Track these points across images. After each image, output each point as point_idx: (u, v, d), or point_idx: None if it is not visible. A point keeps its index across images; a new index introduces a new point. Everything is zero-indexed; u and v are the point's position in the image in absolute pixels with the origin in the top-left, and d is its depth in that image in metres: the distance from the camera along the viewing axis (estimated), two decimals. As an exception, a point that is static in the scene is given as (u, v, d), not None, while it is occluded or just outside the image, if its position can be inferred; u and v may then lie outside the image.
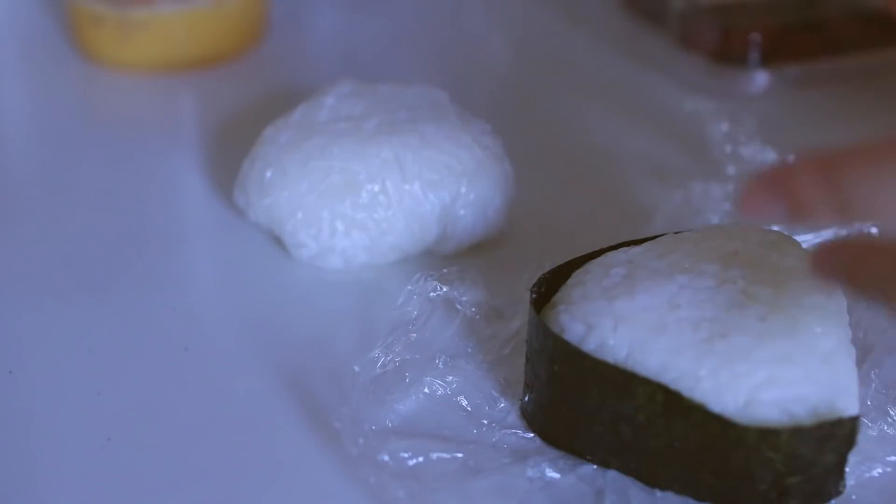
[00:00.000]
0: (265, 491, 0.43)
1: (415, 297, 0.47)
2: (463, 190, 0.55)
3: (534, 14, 0.81)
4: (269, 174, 0.55)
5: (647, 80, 0.72)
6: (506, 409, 0.46)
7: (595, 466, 0.43)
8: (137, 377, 0.49)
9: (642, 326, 0.42)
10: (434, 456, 0.43)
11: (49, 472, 0.44)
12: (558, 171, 0.63)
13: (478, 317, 0.49)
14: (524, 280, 0.49)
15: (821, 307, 0.43)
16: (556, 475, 0.42)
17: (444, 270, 0.49)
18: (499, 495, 0.42)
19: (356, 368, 0.45)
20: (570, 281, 0.45)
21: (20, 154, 0.69)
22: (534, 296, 0.45)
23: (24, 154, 0.69)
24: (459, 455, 0.43)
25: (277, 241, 0.56)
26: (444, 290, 0.48)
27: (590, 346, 0.42)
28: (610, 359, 0.42)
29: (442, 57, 0.77)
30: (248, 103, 0.69)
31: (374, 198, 0.54)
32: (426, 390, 0.46)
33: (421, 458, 0.42)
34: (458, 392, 0.46)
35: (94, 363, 0.49)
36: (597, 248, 0.47)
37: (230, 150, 0.61)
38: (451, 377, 0.46)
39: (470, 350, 0.48)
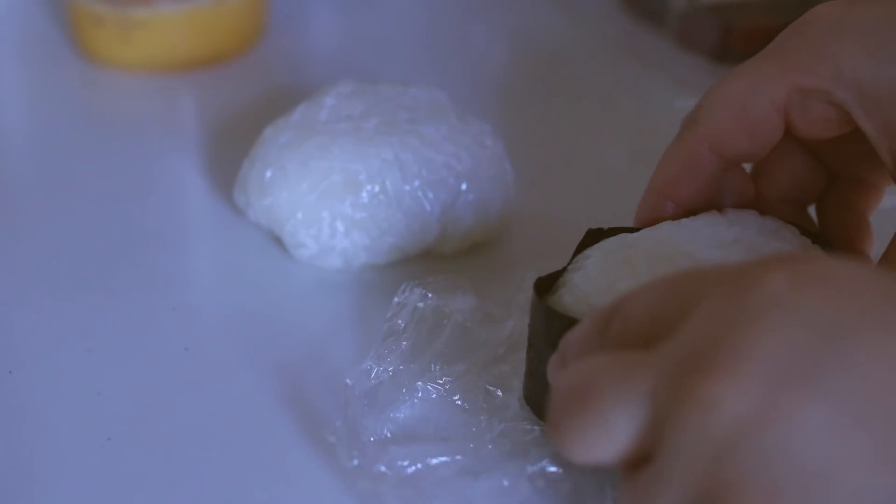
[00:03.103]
0: (265, 491, 0.43)
1: (402, 308, 0.47)
2: (463, 190, 0.55)
3: (533, 14, 0.81)
4: (269, 174, 0.55)
5: (646, 80, 0.72)
6: (504, 401, 0.46)
7: None
8: (137, 377, 0.49)
9: None
10: (433, 461, 0.43)
11: (49, 472, 0.44)
12: (558, 171, 0.63)
13: (469, 323, 0.49)
14: (515, 283, 0.49)
15: None
16: (557, 470, 0.42)
17: (430, 279, 0.49)
18: (499, 497, 0.42)
19: (348, 381, 0.45)
20: (570, 266, 0.45)
21: (20, 154, 0.69)
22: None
23: (24, 154, 0.69)
24: (458, 457, 0.43)
25: (277, 241, 0.56)
26: (432, 298, 0.48)
27: None
28: None
29: (442, 57, 0.77)
30: (248, 103, 0.69)
31: (374, 198, 0.54)
32: (420, 394, 0.46)
33: (419, 465, 0.42)
34: (454, 391, 0.46)
35: (94, 363, 0.49)
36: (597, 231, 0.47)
37: (230, 150, 0.61)
38: (444, 378, 0.46)
39: (464, 356, 0.48)
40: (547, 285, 0.45)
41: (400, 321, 0.47)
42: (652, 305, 0.36)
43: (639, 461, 0.34)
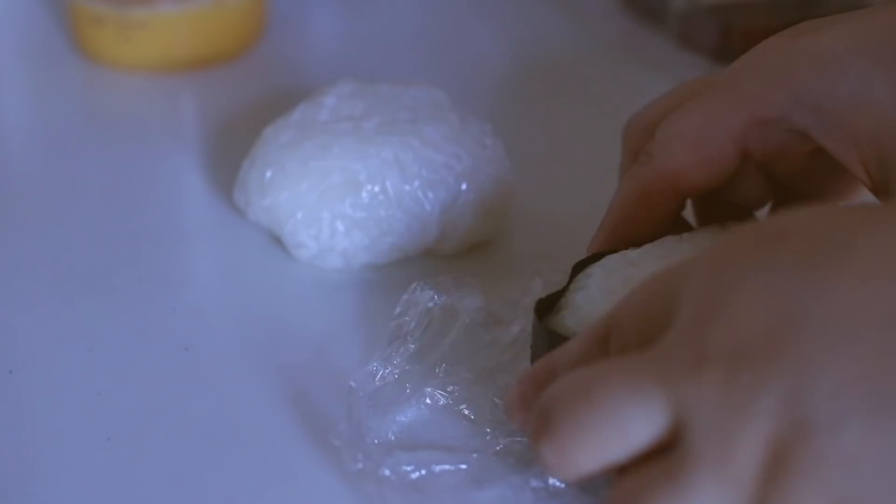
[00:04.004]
0: (265, 491, 0.43)
1: (412, 306, 0.47)
2: (463, 190, 0.55)
3: (533, 14, 0.81)
4: (269, 174, 0.55)
5: (646, 80, 0.72)
6: None
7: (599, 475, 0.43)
8: (137, 377, 0.49)
9: None
10: (437, 468, 0.43)
11: (49, 472, 0.44)
12: (558, 171, 0.63)
13: (476, 324, 0.49)
14: (522, 284, 0.49)
15: None
16: (560, 484, 0.42)
17: (441, 279, 0.49)
18: (502, 504, 0.42)
19: (352, 384, 0.45)
20: (572, 286, 0.45)
21: (20, 154, 0.69)
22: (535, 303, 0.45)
23: (24, 154, 0.69)
24: (463, 466, 0.43)
25: (277, 241, 0.56)
26: (442, 298, 0.48)
27: None
28: None
29: (442, 57, 0.77)
30: (248, 103, 0.69)
31: (374, 198, 0.54)
32: (428, 401, 0.46)
33: (423, 471, 0.42)
34: (461, 401, 0.46)
35: (94, 363, 0.49)
36: (596, 253, 0.47)
37: (230, 150, 0.61)
38: (452, 386, 0.46)
39: (470, 358, 0.48)
40: (548, 306, 0.45)
41: (408, 319, 0.47)
42: (642, 307, 0.36)
43: (649, 455, 0.34)
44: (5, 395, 0.48)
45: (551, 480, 0.42)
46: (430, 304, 0.47)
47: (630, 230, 0.46)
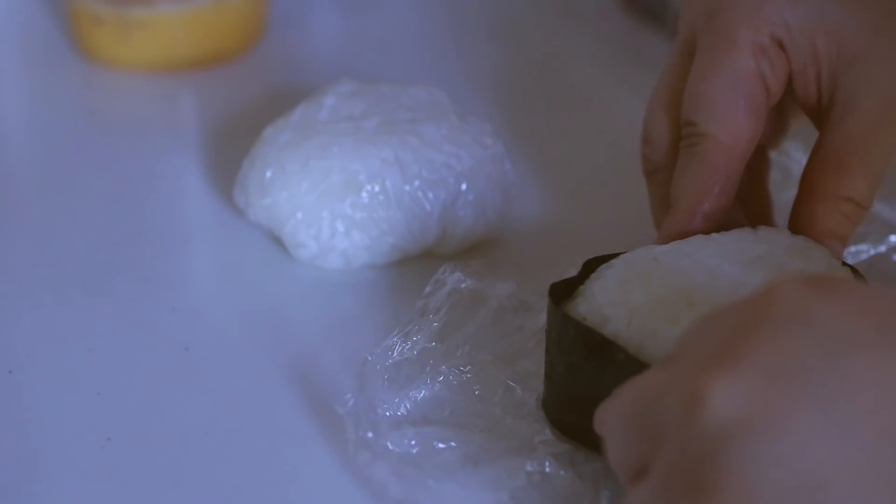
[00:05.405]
0: (265, 491, 0.43)
1: (440, 286, 0.47)
2: (463, 190, 0.55)
3: (533, 14, 0.81)
4: (269, 174, 0.55)
5: (646, 80, 0.72)
6: (522, 399, 0.46)
7: (599, 465, 0.43)
8: (137, 377, 0.49)
9: (656, 319, 0.42)
10: (439, 445, 0.43)
11: (49, 472, 0.44)
12: (558, 171, 0.63)
13: (507, 309, 0.49)
14: (554, 275, 0.49)
15: None
16: (556, 471, 0.42)
17: (472, 262, 0.49)
18: (492, 487, 0.42)
19: (368, 357, 0.45)
20: (592, 275, 0.45)
21: (20, 154, 0.69)
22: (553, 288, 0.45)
23: (24, 154, 0.69)
24: (465, 445, 0.43)
25: (277, 241, 0.56)
26: (471, 281, 0.48)
27: None
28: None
29: (442, 57, 0.77)
30: (248, 103, 0.69)
31: (374, 198, 0.54)
32: (441, 378, 0.46)
33: (425, 447, 0.42)
34: (475, 381, 0.46)
35: (94, 363, 0.49)
36: (600, 248, 0.47)
37: (230, 150, 0.61)
38: (469, 366, 0.46)
39: (494, 342, 0.48)
40: (563, 291, 0.45)
41: (436, 298, 0.47)
42: (681, 336, 0.36)
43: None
44: (5, 395, 0.48)
45: (548, 466, 0.42)
46: (462, 286, 0.48)
47: (704, 207, 0.47)
